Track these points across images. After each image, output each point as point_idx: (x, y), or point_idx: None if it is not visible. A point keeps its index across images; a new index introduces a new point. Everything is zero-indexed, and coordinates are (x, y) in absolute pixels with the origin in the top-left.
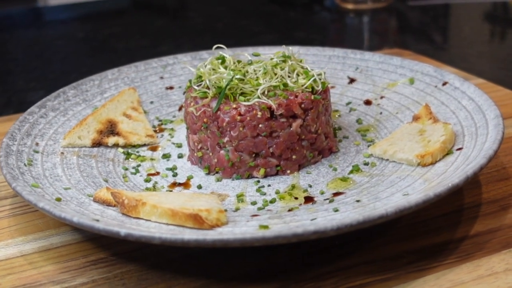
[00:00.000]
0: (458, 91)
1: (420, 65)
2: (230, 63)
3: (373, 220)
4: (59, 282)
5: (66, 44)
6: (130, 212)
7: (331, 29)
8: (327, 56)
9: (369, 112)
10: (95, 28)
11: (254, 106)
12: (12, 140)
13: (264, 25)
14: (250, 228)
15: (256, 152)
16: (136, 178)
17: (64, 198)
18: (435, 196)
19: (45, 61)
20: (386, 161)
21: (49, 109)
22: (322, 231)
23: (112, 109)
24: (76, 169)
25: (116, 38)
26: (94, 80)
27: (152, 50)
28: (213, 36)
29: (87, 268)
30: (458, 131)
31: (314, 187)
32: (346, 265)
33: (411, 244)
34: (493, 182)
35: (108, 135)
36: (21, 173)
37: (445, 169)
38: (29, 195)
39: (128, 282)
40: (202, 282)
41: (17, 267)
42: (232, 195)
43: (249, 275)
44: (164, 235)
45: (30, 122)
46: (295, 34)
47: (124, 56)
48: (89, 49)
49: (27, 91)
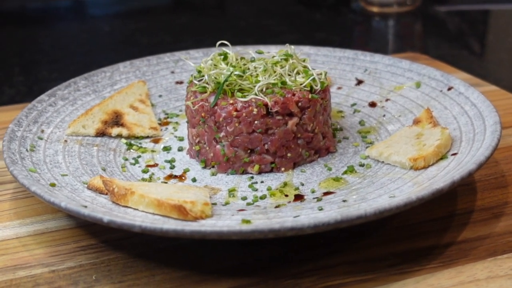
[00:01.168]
0: (462, 96)
1: (428, 69)
2: (232, 60)
3: (351, 220)
4: (48, 265)
5: (91, 38)
6: (119, 201)
7: (355, 32)
8: (337, 57)
9: (373, 114)
10: (124, 22)
11: (250, 102)
12: (18, 126)
13: (287, 25)
14: (233, 222)
15: (251, 148)
16: (134, 168)
17: (59, 184)
18: (417, 199)
19: (70, 53)
20: (381, 163)
21: (58, 98)
22: (299, 228)
23: (119, 100)
24: (76, 157)
25: (141, 33)
26: (106, 72)
27: (173, 46)
28: (234, 34)
29: (77, 253)
30: (457, 137)
31: (306, 186)
32: (327, 264)
33: (396, 246)
34: (490, 189)
35: (112, 126)
36: (21, 158)
37: (436, 174)
38: (24, 179)
39: (113, 268)
40: (184, 272)
41: (11, 249)
42: (224, 190)
43: (231, 268)
44: (144, 224)
45: (38, 109)
46: (316, 34)
47: (145, 50)
48: (113, 43)
49: (49, 81)
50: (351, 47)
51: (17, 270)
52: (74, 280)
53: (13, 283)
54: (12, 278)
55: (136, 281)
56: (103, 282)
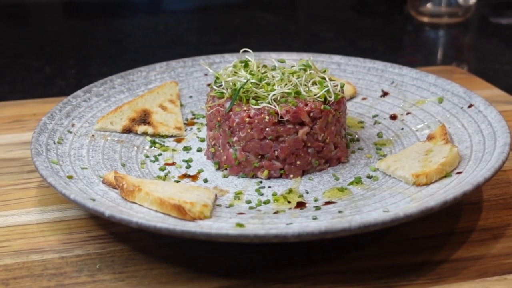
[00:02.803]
0: (480, 114)
1: (452, 85)
2: (253, 67)
3: (335, 232)
4: (59, 251)
5: (146, 34)
6: (128, 196)
7: (401, 41)
8: (366, 68)
9: (392, 127)
10: (177, 21)
11: (263, 110)
12: (50, 119)
13: (334, 32)
14: (228, 225)
15: (261, 154)
16: (153, 165)
17: (77, 177)
18: (405, 216)
19: (122, 49)
20: (388, 177)
21: (93, 94)
22: (283, 236)
23: (150, 99)
24: (99, 152)
25: (192, 33)
26: (142, 71)
27: (220, 47)
28: (281, 38)
29: (86, 242)
30: (467, 155)
31: (310, 194)
32: (318, 272)
33: (389, 260)
34: (495, 210)
35: (139, 124)
36: (47, 150)
37: (435, 191)
38: (44, 169)
39: (117, 259)
40: (180, 269)
41: (29, 233)
42: (232, 192)
43: (224, 268)
44: (140, 220)
45: (72, 104)
46: (361, 42)
47: (193, 50)
48: (164, 41)
49: (98, 76)
50: (394, 56)
51: (30, 254)
52: (79, 267)
53: (25, 265)
54: (25, 261)
55: (135, 273)
56: (105, 271)
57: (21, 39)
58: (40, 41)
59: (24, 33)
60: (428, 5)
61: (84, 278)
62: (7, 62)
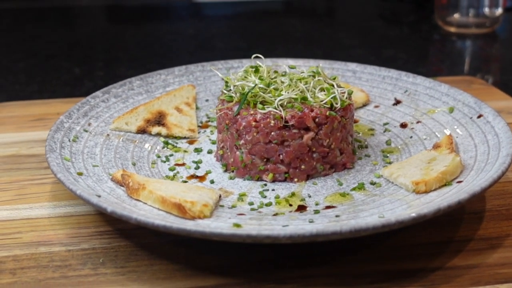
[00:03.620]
0: (488, 125)
1: (464, 95)
2: (264, 73)
3: (326, 235)
4: (66, 244)
5: (175, 39)
6: (133, 194)
7: (425, 50)
8: (381, 76)
9: (401, 135)
10: (206, 26)
11: (269, 114)
12: (67, 118)
13: (359, 39)
14: (225, 225)
15: (267, 157)
16: (163, 166)
17: (87, 174)
18: (397, 222)
19: (150, 52)
20: (391, 184)
21: (111, 95)
22: (275, 236)
23: (166, 102)
24: (112, 150)
25: (219, 38)
26: (161, 74)
27: (245, 52)
28: (306, 44)
29: (93, 237)
30: (470, 165)
31: (312, 198)
32: (311, 274)
33: (384, 265)
34: (497, 220)
35: (153, 125)
36: (61, 147)
37: (433, 199)
38: (55, 166)
39: (120, 255)
40: (179, 266)
41: (40, 226)
42: (236, 193)
43: (222, 267)
44: (139, 217)
45: (90, 104)
46: (384, 51)
47: (218, 55)
48: (192, 46)
49: (124, 78)
50: (416, 66)
51: (39, 246)
52: (84, 260)
53: (33, 257)
54: (34, 252)
55: (136, 268)
56: (107, 265)
57: (56, 40)
58: (73, 43)
59: (60, 35)
60: (455, 15)
61: (87, 271)
62: (39, 62)
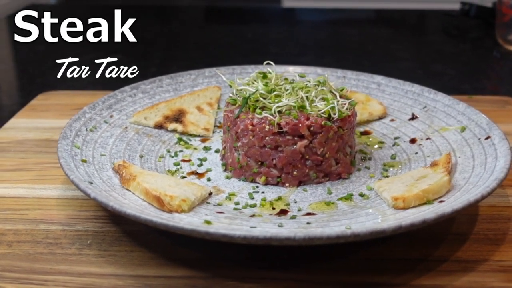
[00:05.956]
0: (492, 148)
1: (478, 115)
2: (272, 79)
3: (280, 240)
4: (63, 224)
5: (232, 41)
6: (124, 184)
7: (477, 67)
8: (404, 90)
9: (408, 150)
10: (265, 32)
11: (265, 119)
12: (91, 109)
13: (411, 52)
14: (197, 220)
15: (261, 160)
16: (170, 160)
17: (90, 161)
18: (352, 235)
19: (206, 53)
20: (378, 197)
21: (139, 91)
22: (230, 236)
23: (188, 100)
24: (125, 142)
25: (274, 44)
26: (191, 74)
27: (293, 58)
28: (356, 55)
29: (89, 220)
30: (459, 186)
31: (297, 203)
32: (275, 277)
33: (348, 276)
34: (480, 243)
35: (171, 121)
36: (76, 135)
37: (407, 216)
38: (62, 151)
39: (106, 239)
40: (156, 254)
41: (47, 206)
42: (226, 192)
43: (194, 260)
44: (114, 205)
45: (117, 98)
46: (433, 65)
47: (266, 59)
48: (246, 49)
49: None
50: (461, 82)
51: (40, 224)
52: (73, 240)
53: (31, 232)
54: (33, 228)
55: (116, 253)
56: (93, 247)
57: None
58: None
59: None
60: None
61: (74, 250)
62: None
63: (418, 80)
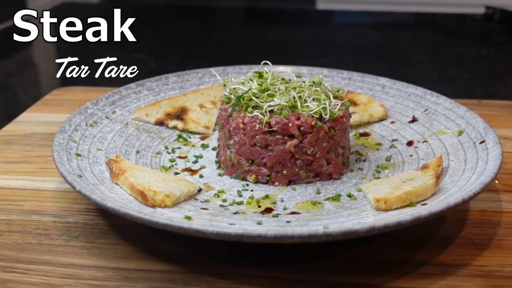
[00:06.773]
0: (485, 152)
1: (477, 119)
2: (268, 79)
3: (252, 237)
4: (55, 216)
5: (253, 42)
6: (114, 178)
7: (495, 72)
8: (407, 93)
9: (404, 152)
10: (286, 33)
11: (255, 118)
12: (93, 105)
13: (430, 56)
14: (177, 216)
15: (252, 159)
16: (166, 156)
17: (86, 156)
18: (324, 234)
19: (227, 53)
20: (365, 198)
21: (144, 88)
22: (203, 232)
23: (192, 98)
24: (124, 138)
25: (295, 45)
26: (198, 73)
27: (311, 60)
28: (374, 57)
29: (80, 212)
30: (446, 189)
31: (284, 202)
32: (252, 274)
33: (324, 276)
34: (465, 248)
35: (172, 118)
36: (75, 130)
37: (385, 217)
38: (57, 145)
39: (94, 231)
40: (138, 248)
41: (43, 197)
42: (216, 189)
43: (174, 255)
44: (96, 198)
45: (121, 94)
46: (450, 69)
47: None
48: (266, 50)
49: None
50: (474, 86)
51: (33, 214)
52: (62, 232)
53: (23, 223)
54: (26, 219)
55: (101, 245)
56: (80, 239)
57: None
58: (164, 40)
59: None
60: None
61: (61, 241)
62: (124, 54)
63: (431, 83)
